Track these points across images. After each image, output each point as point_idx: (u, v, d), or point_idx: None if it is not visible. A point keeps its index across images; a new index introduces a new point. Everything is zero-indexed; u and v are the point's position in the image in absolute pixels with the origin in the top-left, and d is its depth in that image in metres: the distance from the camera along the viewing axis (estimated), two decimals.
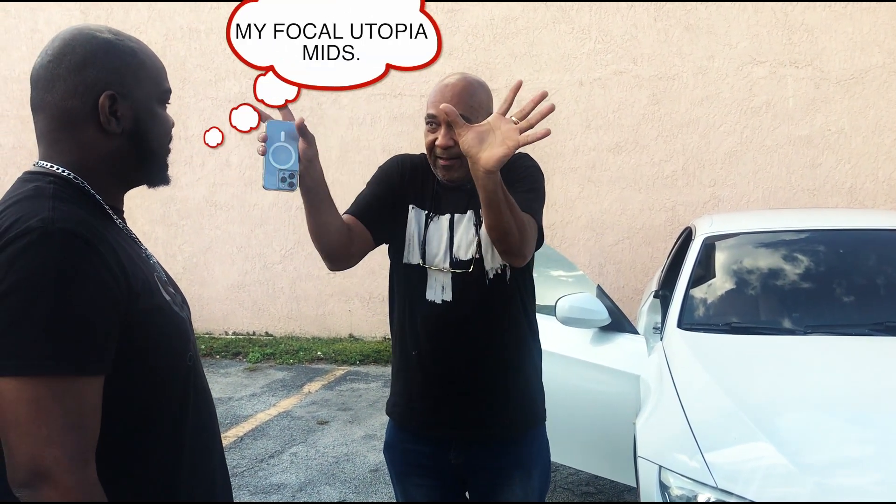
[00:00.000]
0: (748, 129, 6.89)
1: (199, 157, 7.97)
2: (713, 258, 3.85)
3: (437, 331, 2.08)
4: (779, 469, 2.24)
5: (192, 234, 8.10)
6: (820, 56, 6.70)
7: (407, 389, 2.17)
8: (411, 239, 2.10)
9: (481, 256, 2.04)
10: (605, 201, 7.18)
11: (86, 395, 1.14)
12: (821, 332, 3.23)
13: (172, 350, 1.31)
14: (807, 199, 6.80)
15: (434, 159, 2.06)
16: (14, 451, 1.10)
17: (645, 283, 6.21)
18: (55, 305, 1.11)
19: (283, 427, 5.30)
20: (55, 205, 1.18)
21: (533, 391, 2.20)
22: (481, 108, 2.01)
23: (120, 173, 1.33)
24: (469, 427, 2.11)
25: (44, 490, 1.09)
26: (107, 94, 1.26)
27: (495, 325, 2.08)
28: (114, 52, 1.28)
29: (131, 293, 1.21)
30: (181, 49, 7.97)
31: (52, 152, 1.29)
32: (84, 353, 1.13)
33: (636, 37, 7.03)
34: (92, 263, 1.15)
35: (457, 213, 2.09)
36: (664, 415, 2.77)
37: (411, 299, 2.12)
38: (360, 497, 4.06)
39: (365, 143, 7.71)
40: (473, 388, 2.09)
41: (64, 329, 1.11)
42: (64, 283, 1.12)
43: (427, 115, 2.03)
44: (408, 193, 2.14)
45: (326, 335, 7.97)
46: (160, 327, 1.28)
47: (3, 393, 1.09)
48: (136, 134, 1.31)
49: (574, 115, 7.19)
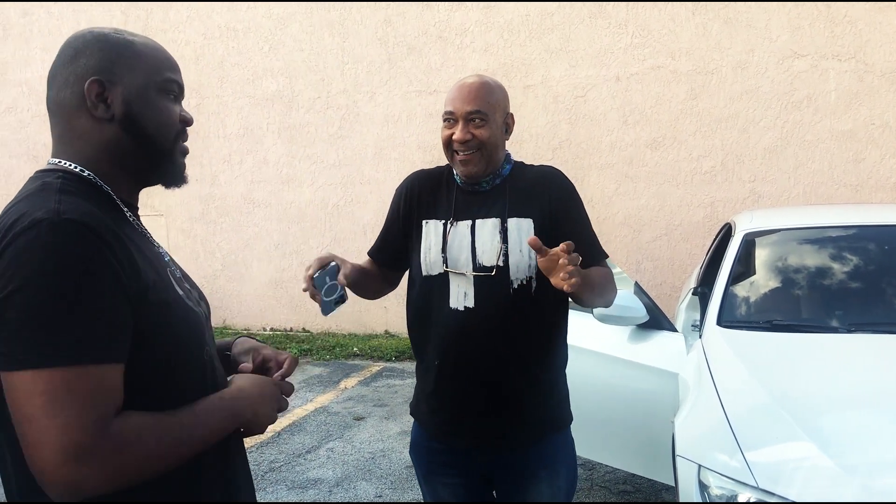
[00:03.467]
0: (789, 124, 6.77)
1: (237, 154, 8.06)
2: (753, 254, 3.79)
3: (459, 339, 2.07)
4: (822, 469, 2.20)
5: (231, 231, 8.20)
6: (864, 48, 6.56)
7: (430, 397, 2.18)
8: (429, 251, 2.11)
9: (506, 265, 2.04)
10: (642, 197, 7.12)
11: (102, 381, 1.12)
12: (865, 330, 3.17)
13: (186, 345, 1.29)
14: (849, 194, 6.66)
15: (451, 154, 2.08)
16: (35, 443, 1.08)
17: (683, 280, 6.14)
18: (69, 296, 1.09)
19: (319, 422, 5.34)
20: (61, 198, 1.18)
21: (557, 398, 2.19)
22: (498, 106, 2.06)
23: (124, 165, 1.31)
24: (492, 437, 2.11)
25: (80, 469, 1.08)
26: (92, 80, 1.25)
27: (518, 334, 2.06)
28: (105, 43, 1.28)
29: (140, 285, 1.19)
30: (219, 48, 8.07)
31: (59, 148, 1.30)
32: (101, 342, 1.12)
33: (674, 31, 6.94)
34: (101, 253, 1.14)
35: (478, 219, 2.09)
36: (703, 413, 2.73)
37: (434, 309, 2.12)
38: (396, 493, 4.08)
39: (400, 141, 7.73)
40: (496, 399, 2.08)
41: (80, 319, 1.10)
42: (75, 273, 1.10)
43: (445, 112, 2.08)
44: (419, 212, 2.17)
45: (362, 332, 8.01)
46: (172, 321, 1.26)
47: (21, 385, 1.08)
48: (129, 120, 1.28)
49: (611, 110, 7.13)
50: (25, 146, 8.81)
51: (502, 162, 2.13)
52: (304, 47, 7.93)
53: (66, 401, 1.08)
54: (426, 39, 7.59)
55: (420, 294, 2.16)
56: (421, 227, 2.15)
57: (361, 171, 7.89)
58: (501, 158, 2.12)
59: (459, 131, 2.03)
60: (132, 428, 1.14)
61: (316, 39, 7.89)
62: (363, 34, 7.75)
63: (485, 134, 2.03)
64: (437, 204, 2.16)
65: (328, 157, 7.96)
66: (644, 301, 3.45)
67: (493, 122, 2.04)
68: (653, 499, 3.96)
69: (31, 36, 8.68)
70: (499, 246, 2.04)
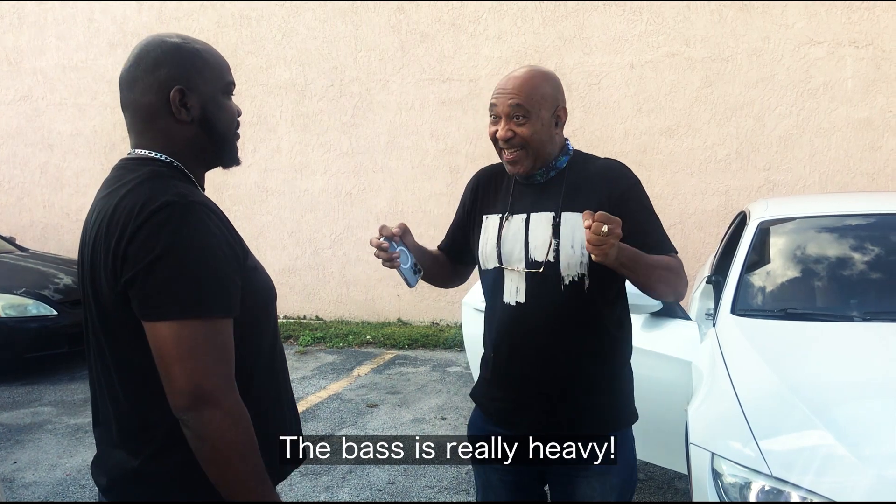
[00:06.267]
0: (804, 112, 6.71)
1: (250, 143, 8.07)
2: (768, 243, 3.77)
3: (510, 333, 2.06)
4: (837, 458, 2.19)
5: (245, 219, 8.22)
6: (881, 35, 6.49)
7: (487, 385, 2.19)
8: (485, 245, 2.11)
9: (557, 261, 2.00)
10: (656, 186, 7.08)
11: (227, 333, 1.37)
12: (881, 318, 3.14)
13: (265, 306, 1.55)
14: (866, 183, 6.61)
15: (499, 151, 2.06)
16: (176, 381, 1.32)
17: (697, 269, 6.11)
18: (203, 261, 1.35)
19: (333, 409, 5.36)
20: (177, 183, 1.43)
21: (616, 395, 2.13)
22: (545, 101, 1.99)
23: (200, 157, 1.55)
24: (544, 431, 2.05)
25: (206, 411, 1.32)
26: (176, 89, 1.47)
27: (570, 330, 2.03)
28: (181, 53, 1.50)
29: (243, 252, 1.46)
30: (233, 36, 8.07)
31: (142, 141, 1.50)
32: (226, 299, 1.37)
33: (689, 18, 6.89)
34: (219, 228, 1.41)
35: (532, 213, 2.06)
36: (717, 401, 2.72)
37: (492, 301, 2.13)
38: (409, 480, 4.09)
39: (413, 129, 7.72)
40: (548, 394, 2.06)
41: (211, 280, 1.36)
42: (206, 243, 1.36)
43: (490, 104, 2.04)
44: (481, 207, 2.17)
45: (375, 319, 8.03)
46: (258, 285, 1.52)
47: (164, 334, 1.32)
48: (205, 121, 1.52)
49: (625, 98, 7.09)
50: (41, 134, 8.85)
51: (557, 154, 2.07)
52: (317, 35, 7.92)
53: (202, 348, 1.33)
54: (439, 27, 7.56)
55: (483, 288, 2.19)
56: (481, 222, 2.15)
57: (374, 159, 7.89)
58: (554, 152, 2.06)
59: (501, 129, 1.99)
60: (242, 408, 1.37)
61: (329, 27, 7.88)
62: (376, 22, 7.73)
63: (527, 132, 1.98)
64: (497, 198, 2.15)
65: (341, 145, 7.96)
66: None
67: (537, 117, 1.98)
68: (666, 486, 3.96)
69: (45, 25, 8.71)
70: (550, 240, 2.01)
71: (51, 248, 8.43)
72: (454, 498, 3.86)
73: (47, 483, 4.21)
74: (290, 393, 1.69)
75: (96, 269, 1.41)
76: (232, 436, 1.34)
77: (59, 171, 8.86)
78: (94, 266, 1.42)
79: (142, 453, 1.43)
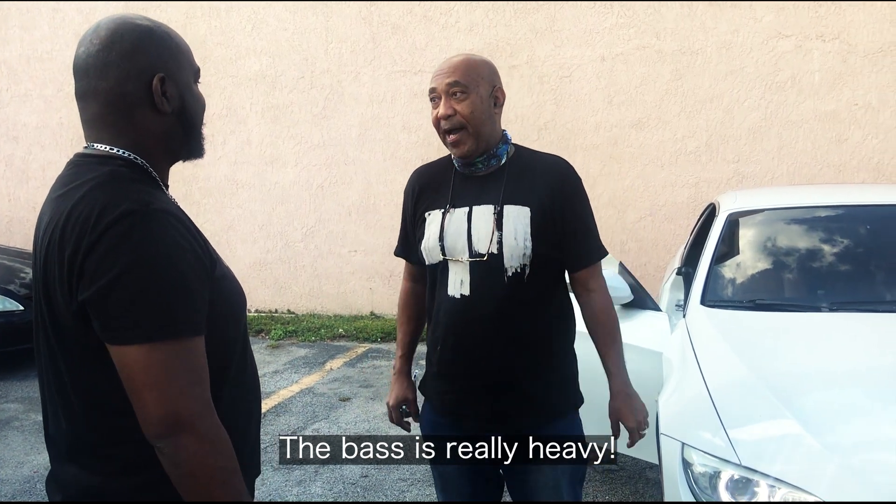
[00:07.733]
0: (773, 105, 6.78)
1: (220, 135, 7.99)
2: (737, 234, 3.81)
3: (455, 325, 2.08)
4: (804, 447, 2.22)
5: (214, 212, 8.14)
6: (847, 29, 6.57)
7: (434, 379, 2.21)
8: (429, 240, 2.11)
9: (500, 252, 2.02)
10: (626, 178, 7.13)
11: (199, 352, 1.27)
12: (848, 308, 3.19)
13: (236, 316, 1.45)
14: (833, 175, 6.70)
15: (443, 136, 2.07)
16: (148, 408, 1.22)
17: (667, 261, 6.17)
18: (168, 277, 1.23)
19: (305, 403, 5.34)
20: (139, 188, 1.30)
21: (561, 383, 2.17)
22: (482, 79, 2.04)
23: (170, 150, 1.44)
24: (493, 421, 2.10)
25: (183, 437, 1.22)
26: (159, 77, 1.36)
27: (514, 321, 2.06)
28: (157, 38, 1.38)
29: (210, 261, 1.34)
30: (202, 27, 7.97)
31: (106, 135, 1.37)
32: (195, 317, 1.26)
33: (659, 11, 6.93)
34: (185, 238, 1.28)
35: (475, 206, 2.08)
36: (687, 392, 2.75)
37: (436, 296, 2.14)
38: (382, 473, 4.09)
39: (385, 121, 7.69)
40: (495, 384, 2.09)
41: (179, 297, 1.24)
42: (171, 257, 1.24)
43: (429, 90, 2.07)
44: (422, 205, 2.18)
45: (348, 313, 8.00)
46: (226, 295, 1.40)
47: (132, 359, 1.22)
48: (182, 112, 1.41)
49: (595, 91, 7.12)
50: (5, 127, 8.69)
51: (497, 141, 2.09)
52: (287, 26, 7.85)
53: (174, 371, 1.22)
54: (411, 18, 7.53)
55: (428, 284, 2.20)
56: (424, 220, 2.15)
57: (346, 151, 7.84)
58: (495, 136, 2.08)
59: (442, 107, 2.02)
60: (220, 431, 1.28)
61: (299, 18, 7.81)
62: (347, 13, 7.68)
63: (466, 109, 2.00)
64: (438, 194, 2.15)
65: (312, 138, 7.90)
66: (628, 281, 3.46)
67: (475, 94, 2.01)
68: (637, 476, 3.99)
69: (9, 15, 8.54)
70: (493, 233, 2.03)
71: (16, 243, 8.29)
72: (427, 490, 3.87)
73: (14, 481, 4.15)
74: (259, 401, 1.59)
75: (50, 280, 1.29)
76: (211, 461, 1.25)
77: (25, 164, 8.71)
78: (46, 276, 1.30)
79: (102, 471, 1.33)
